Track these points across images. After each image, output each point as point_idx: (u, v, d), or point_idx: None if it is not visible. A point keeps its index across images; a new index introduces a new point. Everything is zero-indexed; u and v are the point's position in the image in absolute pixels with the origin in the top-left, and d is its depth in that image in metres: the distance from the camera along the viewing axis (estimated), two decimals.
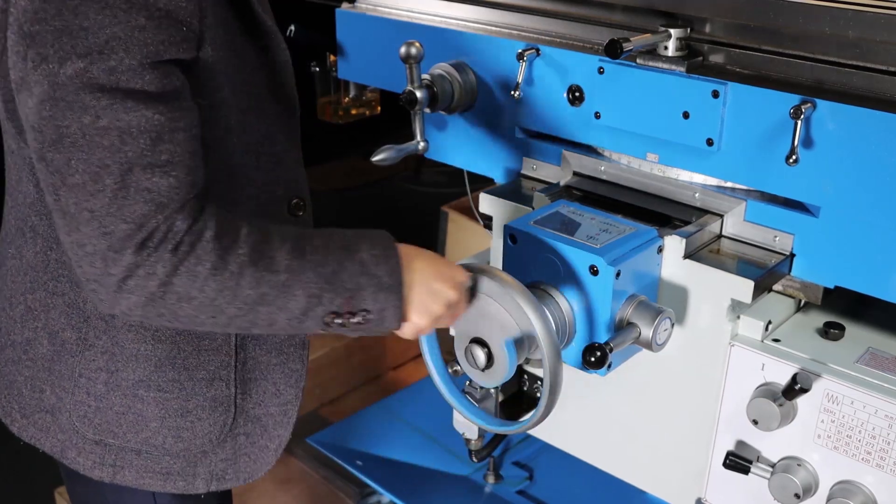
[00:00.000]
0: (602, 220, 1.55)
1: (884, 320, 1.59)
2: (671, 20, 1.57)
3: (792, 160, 1.38)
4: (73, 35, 1.20)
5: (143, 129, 1.24)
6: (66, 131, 1.23)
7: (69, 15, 1.20)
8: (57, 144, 1.24)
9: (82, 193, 1.24)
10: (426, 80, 1.74)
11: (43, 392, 1.60)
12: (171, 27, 1.26)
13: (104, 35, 1.21)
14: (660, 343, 1.50)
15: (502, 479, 2.28)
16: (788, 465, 1.51)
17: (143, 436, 1.59)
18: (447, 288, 1.42)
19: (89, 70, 1.21)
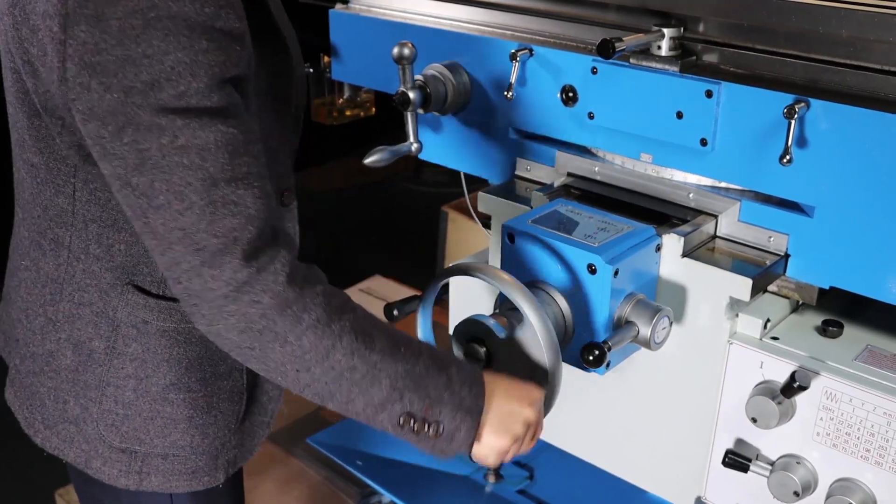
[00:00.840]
0: (600, 218, 1.55)
1: (880, 320, 1.59)
2: (664, 20, 1.56)
3: (786, 160, 1.38)
4: (137, 63, 1.22)
5: (221, 143, 1.26)
6: (146, 154, 1.25)
7: (131, 44, 1.21)
8: (140, 168, 1.26)
9: (169, 213, 1.26)
10: (419, 81, 1.74)
11: (66, 403, 1.60)
12: (229, 47, 1.28)
13: (169, 61, 1.22)
14: (658, 341, 1.50)
15: (503, 478, 2.28)
16: (787, 463, 1.51)
17: (171, 438, 1.60)
18: (524, 407, 1.44)
19: (160, 97, 1.23)
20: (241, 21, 1.30)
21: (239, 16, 1.29)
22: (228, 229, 1.27)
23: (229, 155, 1.27)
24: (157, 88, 1.22)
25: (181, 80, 1.23)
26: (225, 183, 1.27)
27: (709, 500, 1.66)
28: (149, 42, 1.21)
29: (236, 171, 1.28)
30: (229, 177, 1.27)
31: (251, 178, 1.30)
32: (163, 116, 1.23)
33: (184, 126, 1.24)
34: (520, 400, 1.45)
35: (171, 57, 1.22)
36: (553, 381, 1.46)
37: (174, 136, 1.24)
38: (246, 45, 1.32)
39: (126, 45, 1.21)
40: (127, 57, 1.21)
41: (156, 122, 1.23)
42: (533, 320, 1.42)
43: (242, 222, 1.28)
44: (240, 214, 1.28)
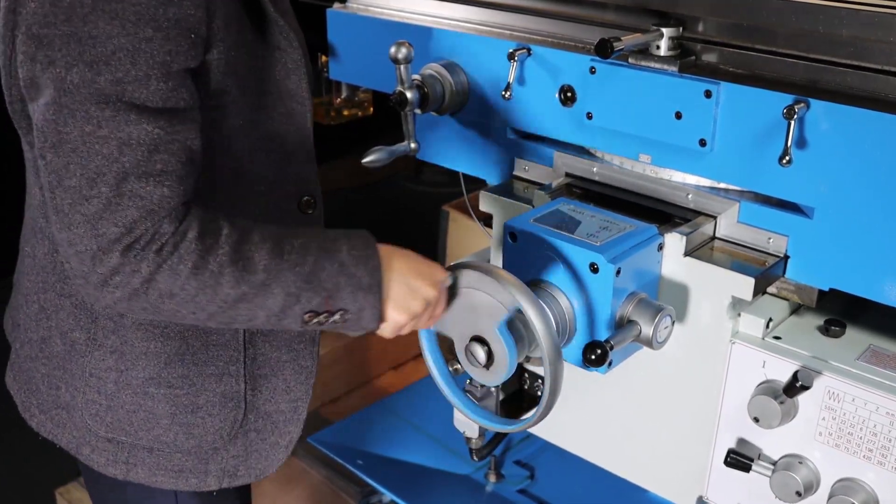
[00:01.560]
0: (602, 217, 1.54)
1: (882, 321, 1.58)
2: (663, 19, 1.56)
3: (785, 161, 1.37)
4: (82, 42, 1.23)
5: (142, 141, 1.28)
6: (66, 136, 1.26)
7: (78, 22, 1.23)
8: (57, 147, 1.27)
9: (77, 196, 1.28)
10: (416, 81, 1.73)
11: (59, 389, 1.63)
12: (178, 37, 1.28)
13: (111, 45, 1.23)
14: (660, 341, 1.50)
15: (503, 477, 2.28)
16: (790, 463, 1.51)
17: (154, 433, 1.60)
18: (426, 286, 1.44)
19: (96, 80, 1.24)
20: (198, 9, 1.30)
21: (196, 4, 1.30)
22: (129, 221, 1.28)
23: (148, 152, 1.29)
24: (94, 70, 1.24)
25: (120, 67, 1.25)
26: (136, 178, 1.28)
27: (710, 499, 1.66)
28: (95, 23, 1.23)
29: (150, 167, 1.29)
30: (142, 172, 1.29)
31: (164, 177, 1.31)
32: (94, 104, 1.25)
33: (110, 118, 1.26)
34: (421, 276, 1.44)
35: (114, 41, 1.24)
36: (554, 380, 1.46)
37: (98, 125, 1.26)
38: (203, 33, 1.33)
39: (73, 23, 1.23)
40: (73, 34, 1.23)
41: (86, 108, 1.25)
42: (534, 319, 1.41)
43: (143, 215, 1.29)
44: (143, 209, 1.29)
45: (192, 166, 1.35)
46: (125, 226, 1.28)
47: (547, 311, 1.46)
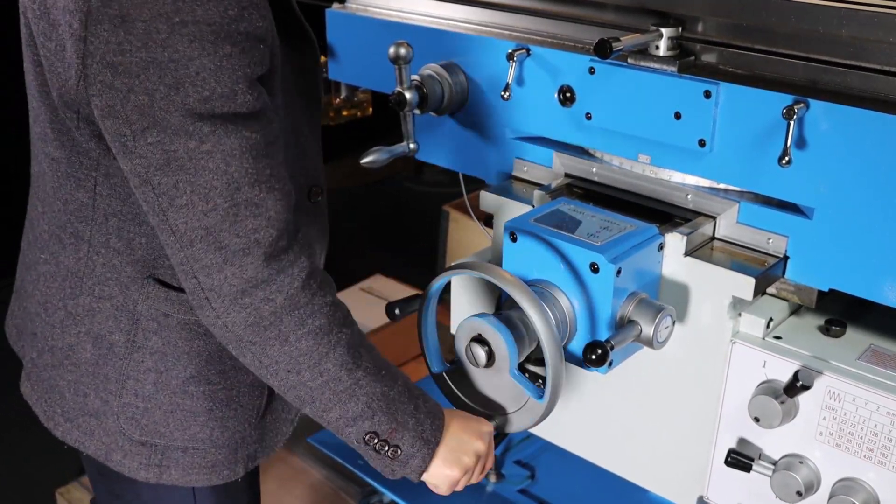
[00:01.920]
0: (603, 217, 1.54)
1: (882, 321, 1.58)
2: (663, 19, 1.56)
3: (785, 161, 1.37)
4: (162, 67, 1.24)
5: (245, 148, 1.31)
6: (173, 155, 1.28)
7: (156, 48, 1.24)
8: (165, 168, 1.29)
9: (192, 213, 1.31)
10: (416, 81, 1.73)
11: (87, 396, 1.62)
12: (253, 48, 1.31)
13: (194, 67, 1.25)
14: (661, 341, 1.50)
15: (504, 477, 2.28)
16: (790, 463, 1.51)
17: (190, 431, 1.62)
18: (475, 440, 1.55)
19: (185, 101, 1.26)
20: (264, 20, 1.32)
21: (262, 14, 1.32)
22: (251, 230, 1.33)
23: (253, 159, 1.32)
24: (181, 92, 1.25)
25: (206, 86, 1.26)
26: (248, 186, 1.32)
27: (711, 499, 1.66)
28: (174, 47, 1.24)
29: (259, 174, 1.33)
30: (253, 180, 1.32)
31: (273, 181, 1.35)
32: (189, 121, 1.27)
33: (210, 132, 1.28)
34: (471, 433, 1.55)
35: (196, 62, 1.25)
36: (555, 380, 1.46)
37: (200, 140, 1.28)
38: (269, 41, 1.35)
39: (151, 49, 1.24)
40: (152, 60, 1.24)
41: (183, 125, 1.27)
42: (535, 319, 1.41)
43: (264, 224, 1.33)
44: (261, 216, 1.33)
45: (286, 167, 1.41)
46: (247, 235, 1.33)
47: (548, 311, 1.46)
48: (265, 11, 1.33)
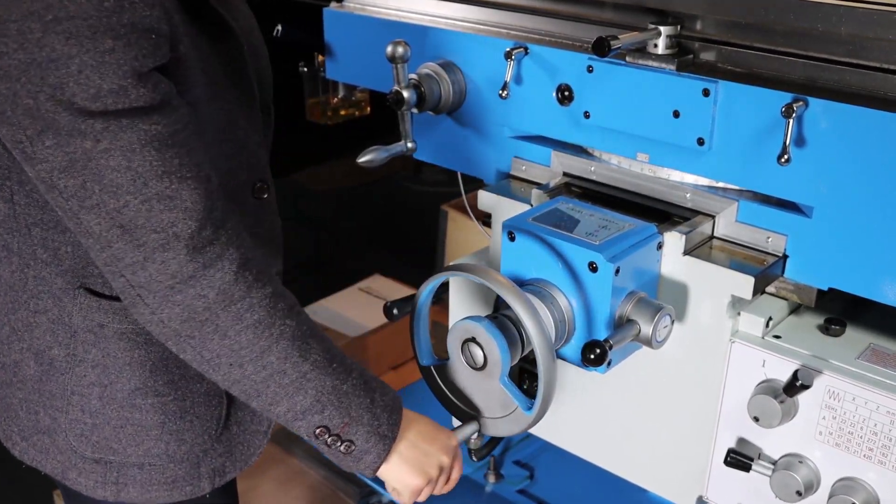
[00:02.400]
0: (601, 216, 1.54)
1: (882, 321, 1.58)
2: (661, 17, 1.55)
3: (784, 159, 1.36)
4: (43, 67, 1.19)
5: (144, 141, 1.25)
6: (73, 157, 1.23)
7: (33, 48, 1.18)
8: (68, 170, 1.24)
9: (104, 212, 1.26)
10: (413, 80, 1.73)
11: (37, 413, 1.58)
12: (140, 40, 1.24)
13: (75, 65, 1.19)
14: (660, 340, 1.50)
15: (503, 478, 2.28)
16: (790, 463, 1.50)
17: (144, 447, 1.57)
18: (438, 451, 1.53)
19: (73, 101, 1.20)
20: (152, 8, 1.25)
21: (148, 3, 1.25)
22: (167, 224, 1.27)
23: (156, 151, 1.26)
24: (67, 92, 1.20)
25: (91, 83, 1.20)
26: (156, 179, 1.26)
27: (710, 499, 1.65)
28: (51, 46, 1.18)
29: (167, 165, 1.27)
30: (160, 172, 1.26)
31: (184, 170, 1.29)
32: (80, 120, 1.21)
33: (103, 129, 1.22)
34: (435, 443, 1.53)
35: (76, 60, 1.19)
36: (547, 382, 1.45)
37: (96, 139, 1.22)
38: (164, 30, 1.28)
39: (28, 50, 1.18)
40: (31, 61, 1.19)
41: (75, 125, 1.22)
42: (526, 322, 1.41)
43: (181, 216, 1.28)
44: (176, 208, 1.28)
45: (202, 153, 1.34)
46: (164, 230, 1.27)
47: (538, 311, 1.45)
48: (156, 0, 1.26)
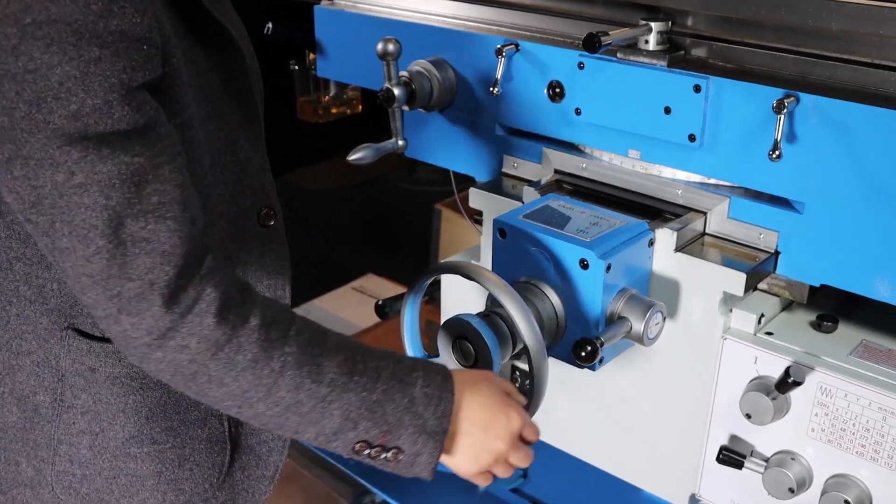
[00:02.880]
0: (592, 213, 1.54)
1: (875, 317, 1.58)
2: (652, 13, 1.55)
3: (775, 155, 1.36)
4: (18, 80, 1.05)
5: (125, 175, 1.10)
6: (41, 192, 1.09)
7: (7, 58, 1.04)
8: (37, 206, 1.10)
9: (75, 258, 1.12)
10: (404, 78, 1.72)
11: (19, 465, 1.44)
12: (129, 50, 1.10)
13: (56, 77, 1.05)
14: (651, 337, 1.49)
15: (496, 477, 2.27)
16: (782, 460, 1.50)
17: (139, 498, 1.43)
18: (495, 440, 1.36)
19: (49, 120, 1.06)
20: (142, 15, 1.11)
21: (139, 9, 1.10)
22: (143, 271, 1.13)
23: (135, 187, 1.11)
24: (44, 109, 1.06)
25: (73, 98, 1.06)
26: (132, 219, 1.12)
27: (703, 497, 1.65)
28: (29, 54, 1.04)
29: (144, 203, 1.12)
30: (137, 211, 1.12)
31: (163, 209, 1.14)
32: (55, 147, 1.07)
33: (80, 159, 1.08)
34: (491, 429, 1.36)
35: (57, 71, 1.05)
36: (538, 379, 1.44)
37: (70, 172, 1.08)
38: (157, 41, 1.14)
39: (2, 59, 1.04)
40: (5, 73, 1.04)
41: (48, 154, 1.07)
42: (517, 319, 1.40)
43: (157, 261, 1.14)
44: (153, 252, 1.13)
45: (189, 188, 1.19)
46: (140, 277, 1.13)
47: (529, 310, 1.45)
48: (144, 5, 1.11)
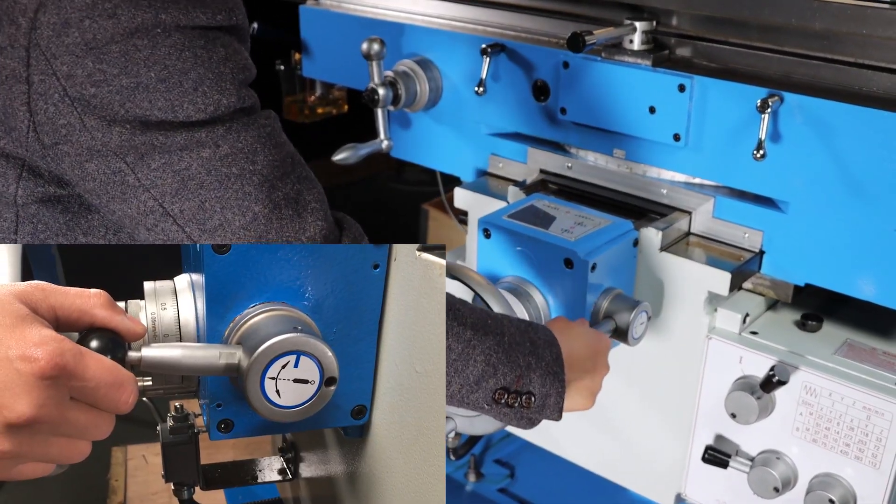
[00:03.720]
0: (577, 213, 1.53)
1: (859, 316, 1.58)
2: (637, 13, 1.55)
3: (759, 155, 1.36)
4: (151, 90, 1.06)
5: (264, 140, 1.13)
6: (187, 173, 1.09)
7: (140, 70, 1.05)
8: (181, 192, 1.10)
9: (230, 232, 1.13)
10: (389, 78, 1.72)
11: None
12: (243, 45, 1.15)
13: (190, 81, 1.07)
14: (636, 337, 1.49)
15: (483, 477, 2.27)
16: (767, 459, 1.50)
17: None
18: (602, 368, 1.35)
19: (186, 117, 1.08)
20: (243, 14, 1.16)
21: (241, 8, 1.16)
22: (299, 230, 1.16)
23: (275, 149, 1.14)
24: (180, 112, 1.08)
25: (209, 99, 1.09)
26: (280, 181, 1.14)
27: (689, 496, 1.65)
28: (163, 63, 1.06)
29: (284, 163, 1.15)
30: (282, 173, 1.14)
31: (299, 169, 1.18)
32: (201, 128, 1.09)
33: (225, 132, 1.10)
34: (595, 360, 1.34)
35: (191, 75, 1.08)
36: None
37: (216, 145, 1.10)
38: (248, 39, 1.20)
39: (133, 73, 1.05)
40: (137, 85, 1.05)
41: (192, 137, 1.09)
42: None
43: (310, 219, 1.17)
44: (305, 211, 1.16)
45: None
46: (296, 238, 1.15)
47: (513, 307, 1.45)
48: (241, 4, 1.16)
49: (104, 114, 1.06)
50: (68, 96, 1.05)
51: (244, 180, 1.11)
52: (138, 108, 1.06)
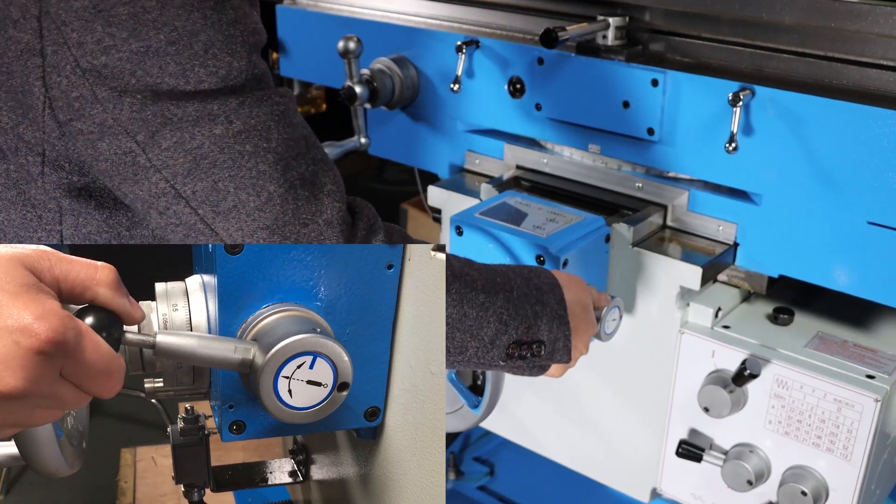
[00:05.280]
0: (549, 209, 1.54)
1: (831, 308, 1.59)
2: (610, 9, 1.56)
3: (731, 148, 1.37)
4: (161, 54, 1.01)
5: (278, 115, 1.08)
6: (199, 153, 1.05)
7: (149, 32, 1.01)
8: (194, 172, 1.06)
9: (245, 214, 1.08)
10: (366, 76, 1.73)
11: None
12: (253, 7, 1.10)
13: (200, 44, 1.03)
14: (609, 332, 1.48)
15: (463, 474, 2.27)
16: (741, 452, 1.51)
17: None
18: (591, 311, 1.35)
19: (199, 85, 1.03)
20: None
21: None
22: (315, 212, 1.11)
23: (290, 127, 1.09)
24: (191, 77, 1.02)
25: (220, 63, 1.04)
26: (295, 160, 1.09)
27: (664, 490, 1.65)
28: (171, 25, 1.00)
29: (299, 143, 1.10)
30: (297, 153, 1.09)
31: (314, 150, 1.13)
32: (210, 101, 1.04)
33: (238, 106, 1.05)
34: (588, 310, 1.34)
35: (201, 37, 1.02)
36: (494, 380, 1.44)
37: (229, 121, 1.05)
38: None
39: (143, 35, 1.00)
40: (146, 49, 1.00)
41: (204, 109, 1.04)
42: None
43: (326, 201, 1.12)
44: (321, 193, 1.11)
45: None
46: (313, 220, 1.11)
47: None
48: None
49: (115, 84, 1.01)
50: (80, 67, 1.01)
51: (258, 158, 1.06)
52: (149, 76, 1.01)
